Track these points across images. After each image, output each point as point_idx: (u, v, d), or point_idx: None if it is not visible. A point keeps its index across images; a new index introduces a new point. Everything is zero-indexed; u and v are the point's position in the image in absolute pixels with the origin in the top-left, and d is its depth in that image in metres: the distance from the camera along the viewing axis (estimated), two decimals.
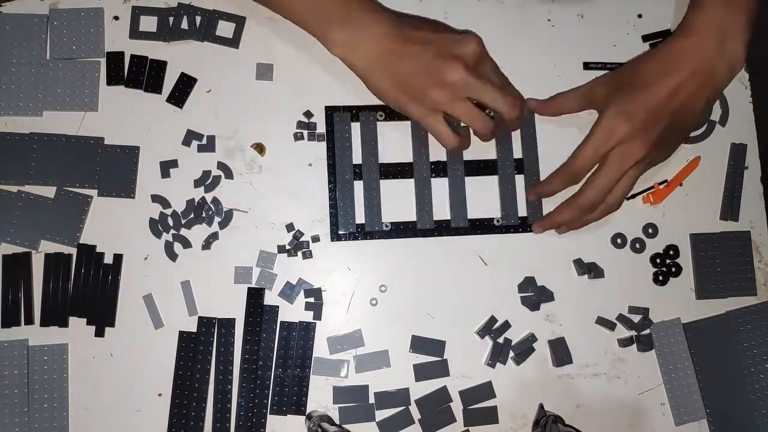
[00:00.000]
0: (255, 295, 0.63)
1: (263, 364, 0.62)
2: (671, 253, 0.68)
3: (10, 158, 0.63)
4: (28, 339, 0.62)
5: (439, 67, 0.58)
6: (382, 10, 0.61)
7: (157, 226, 0.64)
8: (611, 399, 0.66)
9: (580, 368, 0.66)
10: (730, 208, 0.69)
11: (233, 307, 0.63)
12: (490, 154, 0.67)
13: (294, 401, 0.62)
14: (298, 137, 0.66)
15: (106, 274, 0.63)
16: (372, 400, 0.63)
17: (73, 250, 0.63)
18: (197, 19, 0.66)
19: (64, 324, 0.62)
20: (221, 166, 0.65)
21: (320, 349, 0.64)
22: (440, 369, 0.64)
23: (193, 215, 0.64)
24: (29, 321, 0.62)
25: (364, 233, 0.65)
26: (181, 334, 0.63)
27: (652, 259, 0.68)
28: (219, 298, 0.64)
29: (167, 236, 0.64)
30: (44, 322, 0.62)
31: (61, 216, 0.63)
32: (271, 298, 0.64)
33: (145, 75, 0.66)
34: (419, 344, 0.64)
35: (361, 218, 0.65)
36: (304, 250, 0.65)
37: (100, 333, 0.62)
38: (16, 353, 0.61)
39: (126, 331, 0.63)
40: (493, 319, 0.65)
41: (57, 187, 0.64)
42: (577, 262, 0.67)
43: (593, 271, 0.66)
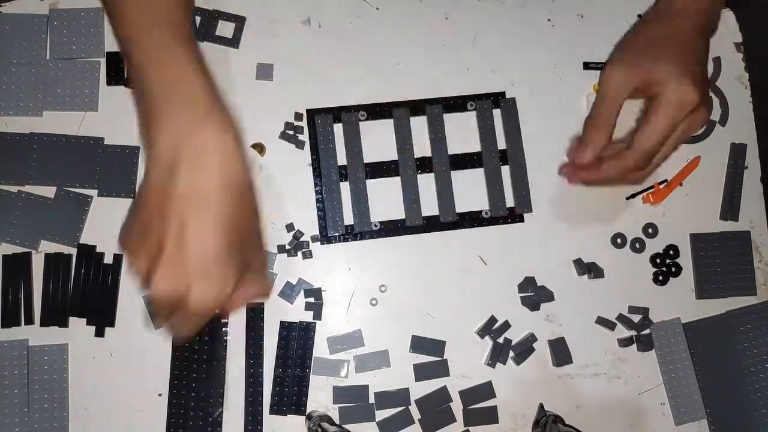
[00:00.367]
0: (254, 310, 0.63)
1: (262, 364, 0.63)
2: (671, 253, 0.68)
3: (10, 158, 0.63)
4: (28, 339, 0.62)
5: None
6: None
7: None
8: (611, 399, 0.66)
9: (580, 368, 0.66)
10: (730, 208, 0.69)
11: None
12: (474, 146, 0.67)
13: (294, 401, 0.62)
14: (283, 136, 0.66)
15: (106, 274, 0.63)
16: (372, 400, 0.63)
17: (73, 250, 0.63)
18: (197, 19, 0.66)
19: (64, 324, 0.62)
20: None
21: (320, 349, 0.64)
22: (440, 369, 0.64)
23: None
24: (29, 321, 0.62)
25: (353, 234, 0.65)
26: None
27: (652, 259, 0.68)
28: None
29: None
30: (44, 322, 0.62)
31: (61, 216, 0.63)
32: (271, 298, 0.64)
33: None
34: (419, 344, 0.64)
35: (349, 219, 0.65)
36: (304, 250, 0.65)
37: (100, 333, 0.62)
38: (16, 353, 0.61)
39: (126, 331, 0.63)
40: (493, 319, 0.65)
41: (57, 187, 0.64)
42: (577, 262, 0.67)
43: (593, 271, 0.66)
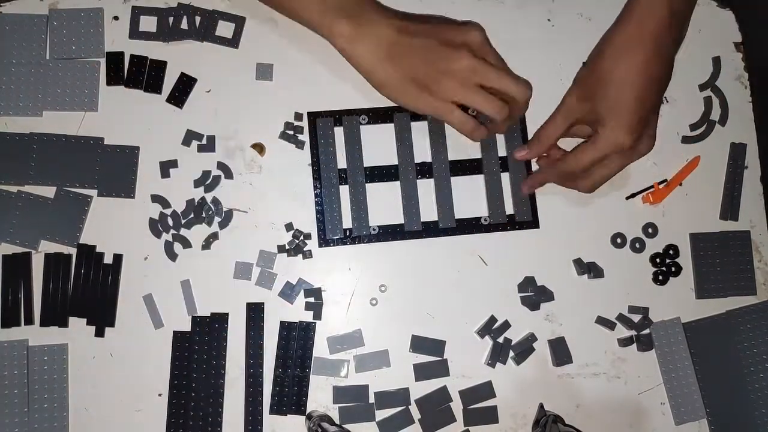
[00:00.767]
0: (255, 310, 0.63)
1: (262, 364, 0.63)
2: (671, 252, 0.68)
3: (10, 158, 0.63)
4: (28, 339, 0.62)
5: (447, 56, 0.58)
6: (388, 9, 0.62)
7: (157, 226, 0.64)
8: (611, 399, 0.66)
9: (580, 368, 0.66)
10: (730, 208, 0.69)
11: (233, 307, 0.63)
12: (474, 153, 0.67)
13: (294, 401, 0.62)
14: (283, 136, 0.66)
15: (106, 274, 0.63)
16: (372, 400, 0.63)
17: (73, 250, 0.63)
18: (197, 19, 0.66)
19: (64, 324, 0.62)
20: (221, 166, 0.65)
21: (320, 349, 0.64)
22: (440, 369, 0.64)
23: (193, 215, 0.64)
24: (29, 321, 0.62)
25: (352, 238, 0.65)
26: (176, 334, 0.63)
27: (652, 259, 0.68)
28: (219, 298, 0.64)
29: (167, 236, 0.64)
30: (44, 322, 0.62)
31: (61, 216, 0.63)
32: (271, 299, 0.64)
33: (144, 75, 0.66)
34: (419, 344, 0.64)
35: (348, 223, 0.65)
36: (305, 249, 0.65)
37: (100, 333, 0.62)
38: (16, 353, 0.61)
39: (126, 331, 0.63)
40: (493, 319, 0.65)
41: (57, 187, 0.64)
42: (577, 262, 0.67)
43: (593, 271, 0.66)
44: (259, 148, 0.66)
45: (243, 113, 0.66)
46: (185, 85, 0.66)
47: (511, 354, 0.65)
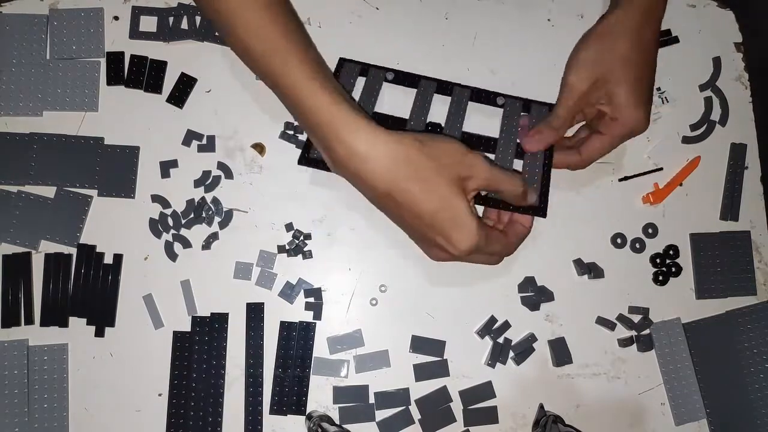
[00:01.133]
0: (255, 310, 0.63)
1: (262, 364, 0.63)
2: (671, 253, 0.68)
3: (10, 158, 0.63)
4: (28, 339, 0.62)
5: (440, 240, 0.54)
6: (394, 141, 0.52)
7: (157, 226, 0.64)
8: (611, 399, 0.66)
9: (580, 368, 0.66)
10: (730, 208, 0.69)
11: (233, 307, 0.64)
12: (493, 131, 0.65)
13: (294, 401, 0.62)
14: (283, 136, 0.66)
15: (106, 274, 0.63)
16: (372, 400, 0.63)
17: (73, 250, 0.63)
18: (197, 19, 0.66)
19: (64, 324, 0.62)
20: (221, 166, 0.65)
21: (320, 349, 0.64)
22: (440, 369, 0.64)
23: (193, 215, 0.64)
24: (29, 321, 0.62)
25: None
26: (176, 334, 0.63)
27: (652, 259, 0.68)
28: (219, 298, 0.64)
29: (167, 236, 0.64)
30: (44, 322, 0.62)
31: (61, 216, 0.63)
32: (271, 298, 0.64)
33: (145, 75, 0.66)
34: (419, 344, 0.64)
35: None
36: (305, 249, 0.65)
37: (100, 333, 0.62)
38: (16, 353, 0.61)
39: (126, 331, 0.63)
40: (493, 319, 0.65)
41: (57, 187, 0.64)
42: (577, 262, 0.67)
43: (593, 271, 0.66)
44: (259, 148, 0.66)
45: (243, 113, 0.66)
46: (185, 85, 0.66)
47: (511, 354, 0.65)
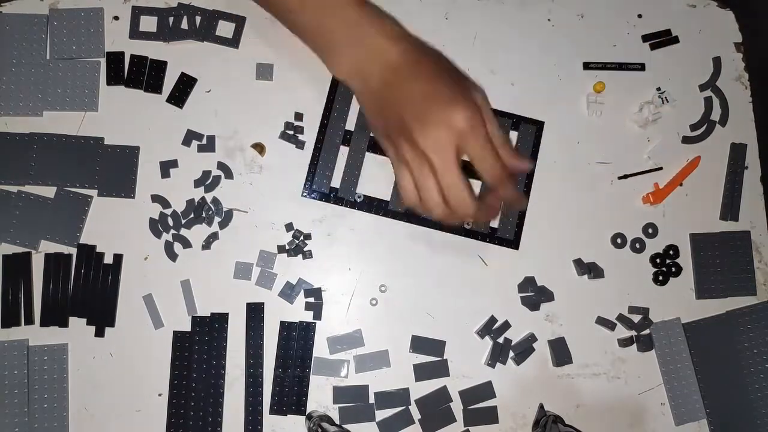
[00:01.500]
0: (255, 310, 0.63)
1: (262, 364, 0.63)
2: (671, 253, 0.68)
3: (10, 158, 0.63)
4: (28, 339, 0.62)
5: (445, 110, 0.50)
6: (397, 36, 0.54)
7: (157, 226, 0.64)
8: (611, 399, 0.66)
9: (580, 368, 0.66)
10: (730, 208, 0.69)
11: (233, 307, 0.64)
12: None
13: (294, 401, 0.62)
14: (283, 136, 0.66)
15: (106, 274, 0.63)
16: (372, 400, 0.63)
17: (73, 250, 0.63)
18: (197, 19, 0.66)
19: (64, 324, 0.62)
20: (221, 166, 0.65)
21: (320, 349, 0.64)
22: (440, 369, 0.64)
23: (193, 215, 0.64)
24: (29, 321, 0.62)
25: (335, 198, 0.65)
26: (176, 334, 0.63)
27: (652, 259, 0.68)
28: (219, 298, 0.64)
29: (167, 236, 0.64)
30: (44, 322, 0.62)
31: (61, 216, 0.63)
32: (271, 298, 0.64)
33: (145, 75, 0.66)
34: (419, 344, 0.64)
35: (337, 183, 0.65)
36: (305, 249, 0.65)
37: (100, 333, 0.62)
38: (16, 353, 0.61)
39: (126, 331, 0.63)
40: (493, 319, 0.65)
41: (57, 187, 0.64)
42: (577, 262, 0.67)
43: (593, 271, 0.66)
44: (259, 148, 0.66)
45: (243, 113, 0.66)
46: (185, 85, 0.66)
47: (511, 354, 0.65)
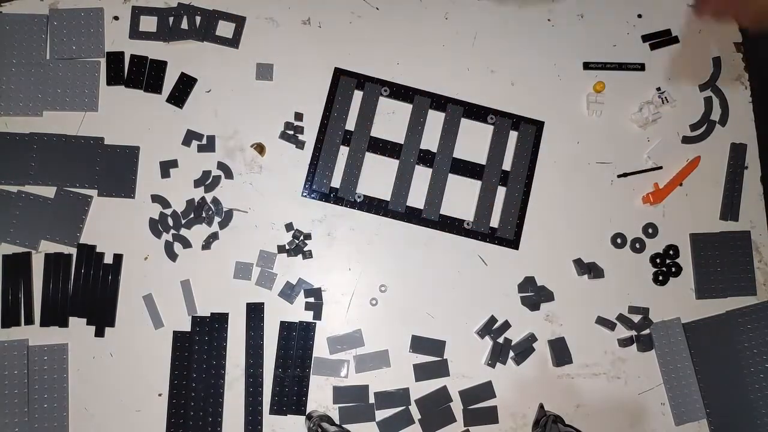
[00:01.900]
0: (255, 310, 0.63)
1: (262, 364, 0.63)
2: (671, 253, 0.68)
3: (10, 158, 0.63)
4: (28, 339, 0.62)
5: None
6: None
7: (157, 226, 0.64)
8: (611, 399, 0.66)
9: (580, 368, 0.66)
10: (730, 208, 0.69)
11: (233, 307, 0.64)
12: (480, 159, 0.67)
13: (294, 401, 0.62)
14: (283, 136, 0.66)
15: (106, 274, 0.63)
16: (372, 400, 0.63)
17: (73, 250, 0.63)
18: (197, 19, 0.66)
19: (64, 324, 0.62)
20: (221, 166, 0.65)
21: (320, 349, 0.64)
22: (440, 369, 0.64)
23: (193, 215, 0.64)
24: (29, 321, 0.62)
25: (335, 198, 0.65)
26: (176, 334, 0.63)
27: (652, 259, 0.68)
28: (219, 298, 0.64)
29: (167, 236, 0.64)
30: (44, 322, 0.62)
31: (61, 216, 0.63)
32: (271, 298, 0.64)
33: (145, 75, 0.66)
34: (419, 344, 0.64)
35: (337, 183, 0.66)
36: (305, 249, 0.65)
37: (100, 333, 0.62)
38: (16, 353, 0.61)
39: (126, 331, 0.63)
40: (493, 319, 0.65)
41: (57, 187, 0.64)
42: (577, 262, 0.67)
43: (593, 271, 0.66)
44: (260, 148, 0.66)
45: (243, 113, 0.66)
46: (185, 85, 0.66)
47: (511, 354, 0.65)
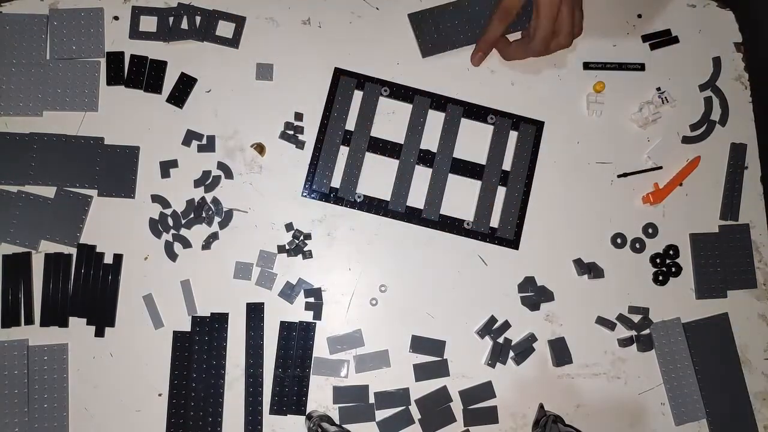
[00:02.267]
0: (255, 310, 0.63)
1: (262, 364, 0.63)
2: (671, 253, 0.68)
3: (10, 158, 0.63)
4: (28, 339, 0.62)
5: None
6: None
7: (157, 226, 0.64)
8: (611, 399, 0.66)
9: (580, 368, 0.66)
10: (730, 208, 0.69)
11: (233, 307, 0.64)
12: (480, 159, 0.67)
13: (294, 401, 0.62)
14: (283, 136, 0.66)
15: (106, 274, 0.63)
16: (372, 400, 0.63)
17: (73, 250, 0.63)
18: (197, 19, 0.66)
19: (64, 324, 0.62)
20: (221, 166, 0.65)
21: (320, 349, 0.64)
22: (440, 369, 0.64)
23: (193, 215, 0.64)
24: (29, 321, 0.62)
25: (335, 198, 0.65)
26: (176, 334, 0.63)
27: (652, 259, 0.68)
28: (219, 298, 0.64)
29: (167, 236, 0.64)
30: (44, 322, 0.62)
31: (61, 216, 0.63)
32: (271, 298, 0.64)
33: (145, 75, 0.66)
34: (419, 344, 0.64)
35: (337, 183, 0.66)
36: (305, 249, 0.65)
37: (100, 333, 0.62)
38: (16, 353, 0.61)
39: (126, 331, 0.63)
40: (493, 319, 0.65)
41: (57, 187, 0.64)
42: (577, 262, 0.67)
43: (593, 271, 0.66)
44: (260, 148, 0.66)
45: (243, 113, 0.66)
46: (185, 85, 0.66)
47: (511, 354, 0.65)
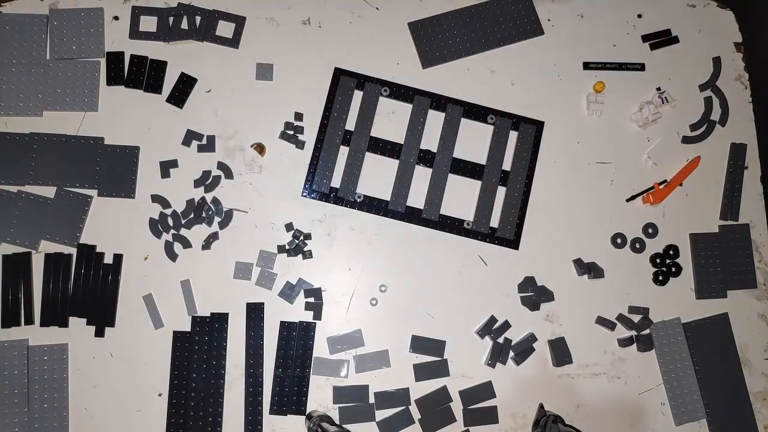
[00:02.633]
0: (255, 310, 0.63)
1: (262, 364, 0.63)
2: (671, 253, 0.68)
3: (10, 158, 0.63)
4: (28, 339, 0.62)
5: None
6: None
7: (157, 226, 0.64)
8: (611, 399, 0.66)
9: (580, 368, 0.66)
10: (730, 208, 0.69)
11: (233, 307, 0.64)
12: (480, 159, 0.67)
13: (294, 401, 0.62)
14: (283, 136, 0.66)
15: (106, 274, 0.63)
16: (372, 400, 0.63)
17: (73, 250, 0.63)
18: (197, 19, 0.66)
19: (64, 324, 0.62)
20: (221, 166, 0.65)
21: (320, 349, 0.64)
22: (440, 369, 0.64)
23: (193, 215, 0.64)
24: (29, 321, 0.62)
25: (335, 198, 0.65)
26: (176, 334, 0.63)
27: (652, 259, 0.68)
28: (219, 298, 0.64)
29: (167, 236, 0.64)
30: (44, 322, 0.62)
31: (61, 216, 0.63)
32: (271, 298, 0.64)
33: (145, 75, 0.66)
34: (419, 344, 0.64)
35: (337, 183, 0.66)
36: (305, 249, 0.65)
37: (100, 333, 0.62)
38: (16, 353, 0.61)
39: (126, 331, 0.63)
40: (493, 319, 0.65)
41: (57, 187, 0.64)
42: (577, 262, 0.67)
43: (593, 271, 0.66)
44: (260, 148, 0.66)
45: (243, 113, 0.66)
46: (185, 85, 0.66)
47: (511, 354, 0.65)
